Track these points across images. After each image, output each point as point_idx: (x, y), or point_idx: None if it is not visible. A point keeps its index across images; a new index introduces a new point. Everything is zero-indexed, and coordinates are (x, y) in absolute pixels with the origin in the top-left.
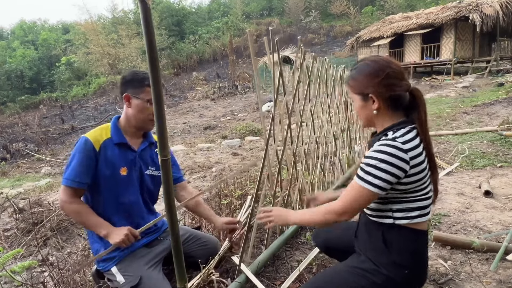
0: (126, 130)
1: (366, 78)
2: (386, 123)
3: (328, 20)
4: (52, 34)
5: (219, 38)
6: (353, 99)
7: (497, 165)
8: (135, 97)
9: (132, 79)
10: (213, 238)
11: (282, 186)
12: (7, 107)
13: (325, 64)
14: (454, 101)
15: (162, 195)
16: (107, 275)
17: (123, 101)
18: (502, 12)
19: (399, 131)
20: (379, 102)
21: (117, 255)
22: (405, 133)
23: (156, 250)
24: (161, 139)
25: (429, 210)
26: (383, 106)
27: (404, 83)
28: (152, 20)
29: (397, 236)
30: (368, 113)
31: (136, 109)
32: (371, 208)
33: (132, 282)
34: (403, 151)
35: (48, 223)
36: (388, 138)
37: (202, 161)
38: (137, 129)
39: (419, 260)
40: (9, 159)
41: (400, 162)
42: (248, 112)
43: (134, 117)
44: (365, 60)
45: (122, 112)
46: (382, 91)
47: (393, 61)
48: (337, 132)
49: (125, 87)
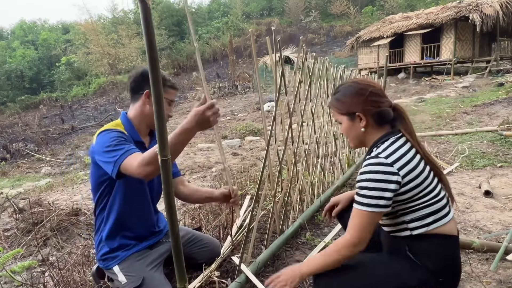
0: (138, 127)
1: (352, 98)
2: (372, 140)
3: (328, 20)
4: (52, 34)
5: (219, 38)
6: (339, 121)
7: (497, 165)
8: None
9: None
10: (214, 240)
11: (283, 186)
12: (7, 107)
13: (325, 64)
14: (454, 101)
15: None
16: (108, 273)
17: (136, 97)
18: (502, 12)
19: (382, 145)
20: (367, 119)
21: (120, 255)
22: (388, 145)
23: (158, 252)
24: (161, 139)
25: (445, 212)
26: (370, 123)
27: (386, 99)
28: (152, 20)
29: (421, 245)
30: (357, 132)
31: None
32: (387, 224)
33: (135, 282)
34: (388, 164)
35: (48, 223)
36: (371, 156)
37: (202, 161)
38: (149, 127)
39: (450, 265)
40: (9, 159)
41: (389, 176)
42: (248, 112)
43: (151, 115)
44: (346, 83)
45: (122, 111)
46: (368, 108)
47: (372, 81)
48: (337, 132)
49: (147, 83)
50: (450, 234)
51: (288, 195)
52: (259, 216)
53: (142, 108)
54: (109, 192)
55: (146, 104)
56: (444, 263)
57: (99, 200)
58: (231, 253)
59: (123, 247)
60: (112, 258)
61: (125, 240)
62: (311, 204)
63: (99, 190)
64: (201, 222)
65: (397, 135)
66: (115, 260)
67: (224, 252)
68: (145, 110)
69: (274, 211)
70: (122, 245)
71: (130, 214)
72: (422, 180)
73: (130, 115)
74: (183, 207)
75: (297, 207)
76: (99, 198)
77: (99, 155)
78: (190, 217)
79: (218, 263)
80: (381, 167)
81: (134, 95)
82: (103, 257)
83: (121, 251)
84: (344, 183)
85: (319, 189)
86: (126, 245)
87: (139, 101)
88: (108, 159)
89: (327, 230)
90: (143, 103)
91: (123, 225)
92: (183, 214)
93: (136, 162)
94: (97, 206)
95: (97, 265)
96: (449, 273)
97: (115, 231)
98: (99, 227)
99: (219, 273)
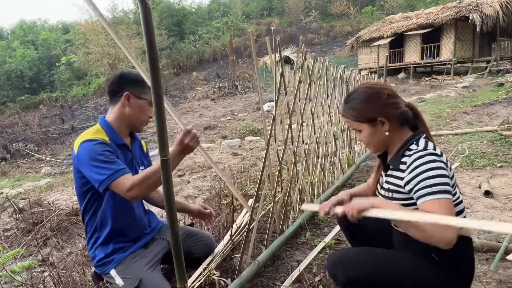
0: (119, 130)
1: (369, 104)
2: (399, 141)
3: (328, 20)
4: (52, 34)
5: (219, 38)
6: (358, 129)
7: (497, 165)
8: (138, 97)
9: (136, 79)
10: (208, 234)
11: (283, 186)
12: (7, 107)
13: (325, 64)
14: (454, 101)
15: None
16: (106, 278)
17: (115, 99)
18: (502, 12)
19: (420, 142)
20: (390, 122)
21: (116, 258)
22: (426, 142)
23: (154, 251)
24: (161, 139)
25: (464, 215)
26: (393, 125)
27: (401, 99)
28: (152, 20)
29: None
30: (381, 137)
31: (136, 109)
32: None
33: (132, 284)
34: (439, 155)
35: (48, 223)
36: (419, 150)
37: (202, 161)
38: (129, 129)
39: (471, 268)
40: (9, 159)
41: (444, 165)
42: (248, 112)
43: (131, 117)
44: (358, 90)
45: (100, 116)
46: (389, 111)
47: (383, 83)
48: (337, 132)
49: (126, 85)
50: (469, 236)
51: (288, 195)
52: (259, 216)
53: (122, 110)
54: (98, 198)
55: (125, 106)
56: (466, 266)
57: (86, 207)
58: (231, 252)
59: (117, 250)
60: (108, 262)
61: (119, 244)
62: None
63: (86, 197)
64: (201, 222)
65: (423, 135)
66: (111, 264)
67: (224, 252)
68: (124, 112)
69: (274, 211)
70: (117, 248)
71: (124, 221)
72: (452, 176)
73: (109, 118)
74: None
75: (297, 207)
76: (87, 205)
77: (85, 168)
78: (190, 217)
79: (218, 262)
80: (435, 157)
81: (113, 98)
82: (99, 262)
83: (116, 254)
84: (344, 183)
85: (319, 189)
86: (120, 248)
87: (118, 103)
88: (96, 176)
89: (327, 230)
90: (122, 105)
91: (117, 232)
92: (183, 214)
93: (126, 186)
94: (86, 213)
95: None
96: (468, 275)
97: (110, 238)
98: (92, 234)
99: (219, 273)
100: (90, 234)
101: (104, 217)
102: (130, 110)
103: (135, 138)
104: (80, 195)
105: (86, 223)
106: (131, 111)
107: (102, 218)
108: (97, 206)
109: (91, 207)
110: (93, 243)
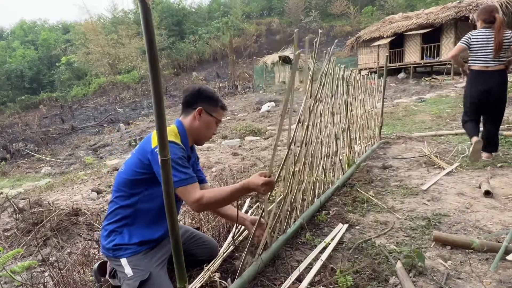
0: (188, 140)
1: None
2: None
3: (328, 20)
4: (52, 34)
5: (219, 38)
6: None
7: (497, 165)
8: (209, 113)
9: (212, 96)
10: (212, 240)
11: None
12: (7, 107)
13: (332, 64)
14: (454, 101)
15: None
16: (114, 262)
17: (188, 110)
18: (502, 12)
19: None
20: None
21: (134, 249)
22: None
23: (164, 249)
24: (161, 139)
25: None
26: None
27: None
28: (152, 20)
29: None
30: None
31: (204, 124)
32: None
33: (142, 276)
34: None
35: (48, 223)
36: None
37: (202, 161)
38: (193, 142)
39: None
40: (9, 159)
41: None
42: (248, 112)
43: (198, 131)
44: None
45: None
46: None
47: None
48: (338, 132)
49: (201, 100)
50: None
51: (294, 196)
52: (266, 217)
53: (192, 122)
54: (148, 196)
55: (196, 120)
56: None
57: (127, 196)
58: (232, 253)
59: (140, 244)
60: (125, 249)
61: (146, 242)
62: (312, 204)
63: (134, 188)
64: (201, 222)
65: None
66: (126, 252)
67: (225, 252)
68: (194, 125)
69: (281, 212)
70: (140, 242)
71: (160, 223)
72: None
73: (185, 125)
74: (183, 207)
75: (299, 207)
76: (130, 194)
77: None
78: (190, 217)
79: (219, 263)
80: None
81: (186, 108)
82: (116, 246)
83: (138, 245)
84: (344, 183)
85: (320, 189)
86: (145, 243)
87: (191, 114)
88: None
89: (327, 230)
90: (193, 117)
91: (149, 232)
92: (183, 214)
93: (194, 196)
94: (123, 199)
95: (99, 262)
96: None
97: (140, 232)
98: (120, 219)
99: (219, 274)
100: (118, 218)
101: (145, 213)
102: (199, 124)
103: (194, 150)
104: (129, 182)
105: (117, 205)
106: (200, 125)
107: (142, 213)
108: (141, 201)
109: (133, 198)
110: (116, 227)
